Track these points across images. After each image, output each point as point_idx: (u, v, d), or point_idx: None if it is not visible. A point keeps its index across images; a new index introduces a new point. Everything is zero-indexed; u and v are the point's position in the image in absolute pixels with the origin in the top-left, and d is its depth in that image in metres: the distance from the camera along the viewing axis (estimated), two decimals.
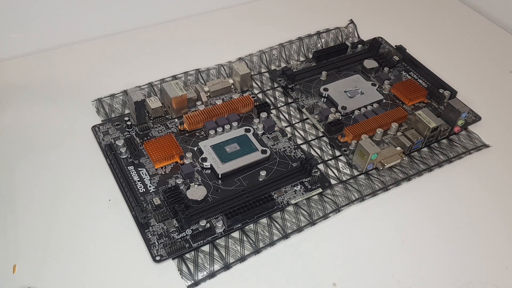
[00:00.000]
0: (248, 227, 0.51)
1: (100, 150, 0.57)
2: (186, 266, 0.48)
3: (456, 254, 0.51)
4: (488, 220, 0.54)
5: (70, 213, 0.51)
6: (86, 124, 0.60)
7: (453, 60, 0.76)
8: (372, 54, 0.72)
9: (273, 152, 0.58)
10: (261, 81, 0.68)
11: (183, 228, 0.50)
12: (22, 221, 0.50)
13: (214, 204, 0.51)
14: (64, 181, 0.54)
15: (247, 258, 0.49)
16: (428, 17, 0.85)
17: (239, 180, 0.55)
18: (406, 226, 0.53)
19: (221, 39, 0.76)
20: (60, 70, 0.68)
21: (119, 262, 0.48)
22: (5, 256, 0.47)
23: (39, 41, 0.71)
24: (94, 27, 0.74)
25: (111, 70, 0.68)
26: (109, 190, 0.54)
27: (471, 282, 0.49)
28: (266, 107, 0.62)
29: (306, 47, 0.74)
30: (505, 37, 0.81)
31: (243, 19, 0.80)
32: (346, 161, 0.58)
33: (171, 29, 0.77)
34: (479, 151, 0.61)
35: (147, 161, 0.56)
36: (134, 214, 0.51)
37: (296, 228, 0.51)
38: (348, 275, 0.48)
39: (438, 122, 0.59)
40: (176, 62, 0.70)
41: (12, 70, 0.67)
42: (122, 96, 0.64)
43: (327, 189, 0.55)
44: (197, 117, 0.60)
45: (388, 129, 0.61)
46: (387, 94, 0.67)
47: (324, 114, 0.62)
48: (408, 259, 0.50)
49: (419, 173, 0.58)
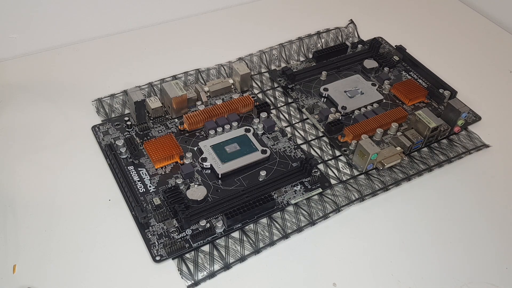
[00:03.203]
0: (248, 227, 0.51)
1: (100, 150, 0.57)
2: (186, 266, 0.47)
3: (456, 254, 0.51)
4: (488, 220, 0.54)
5: (70, 213, 0.51)
6: (86, 124, 0.60)
7: (453, 60, 0.76)
8: (372, 54, 0.72)
9: (273, 152, 0.58)
10: (261, 81, 0.68)
11: (183, 228, 0.50)
12: (22, 221, 0.50)
13: (214, 204, 0.51)
14: (64, 181, 0.54)
15: (247, 258, 0.49)
16: (428, 17, 0.85)
17: (239, 180, 0.55)
18: (406, 226, 0.53)
19: (221, 39, 0.76)
20: (60, 70, 0.68)
21: (119, 262, 0.48)
22: (5, 256, 0.47)
23: (39, 41, 0.71)
24: (94, 27, 0.74)
25: (111, 70, 0.68)
26: (109, 190, 0.54)
27: (471, 282, 0.49)
28: (266, 107, 0.62)
29: (306, 47, 0.74)
30: (505, 37, 0.81)
31: (243, 19, 0.80)
32: (346, 161, 0.58)
33: (171, 29, 0.77)
34: (479, 151, 0.61)
35: (147, 161, 0.56)
36: (134, 214, 0.51)
37: (296, 228, 0.51)
38: (348, 275, 0.48)
39: (438, 122, 0.59)
40: (176, 62, 0.70)
41: (12, 70, 0.67)
42: (122, 96, 0.64)
43: (327, 189, 0.55)
44: (197, 117, 0.60)
45: (388, 129, 0.61)
46: (387, 94, 0.67)
47: (324, 114, 0.62)
48: (408, 259, 0.50)
49: (419, 173, 0.58)
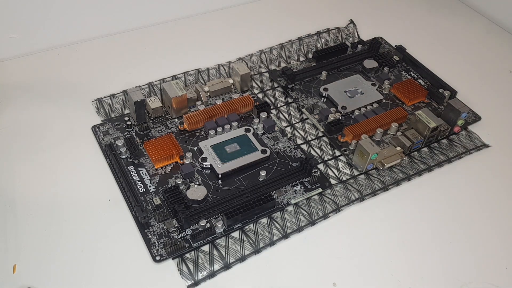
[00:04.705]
0: (248, 227, 0.51)
1: (100, 150, 0.57)
2: (186, 266, 0.47)
3: (456, 254, 0.51)
4: (488, 220, 0.54)
5: (70, 213, 0.51)
6: (86, 124, 0.60)
7: (453, 60, 0.76)
8: (372, 54, 0.72)
9: (273, 152, 0.58)
10: (261, 81, 0.68)
11: (183, 228, 0.50)
12: (22, 221, 0.50)
13: (214, 204, 0.51)
14: (64, 181, 0.54)
15: (247, 258, 0.49)
16: (428, 17, 0.85)
17: (239, 180, 0.55)
18: (406, 226, 0.53)
19: (221, 39, 0.76)
20: (60, 70, 0.68)
21: (119, 262, 0.48)
22: (5, 256, 0.47)
23: (39, 41, 0.71)
24: (94, 27, 0.74)
25: (111, 70, 0.68)
26: (109, 190, 0.54)
27: (471, 282, 0.49)
28: (266, 107, 0.62)
29: (306, 47, 0.74)
30: (505, 37, 0.81)
31: (243, 19, 0.80)
32: (346, 161, 0.58)
33: (171, 29, 0.77)
34: (479, 151, 0.61)
35: (147, 161, 0.56)
36: (134, 214, 0.51)
37: (296, 228, 0.51)
38: (348, 275, 0.48)
39: (438, 122, 0.59)
40: (176, 62, 0.70)
41: (12, 70, 0.67)
42: (122, 96, 0.64)
43: (327, 189, 0.55)
44: (197, 117, 0.60)
45: (388, 129, 0.61)
46: (387, 94, 0.67)
47: (324, 114, 0.62)
48: (408, 259, 0.50)
49: (419, 173, 0.58)
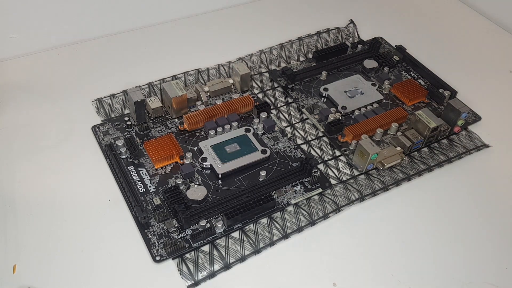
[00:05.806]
0: (248, 227, 0.51)
1: (100, 150, 0.57)
2: (186, 266, 0.47)
3: (456, 254, 0.51)
4: (488, 220, 0.54)
5: (70, 213, 0.51)
6: (86, 124, 0.60)
7: (453, 60, 0.76)
8: (372, 54, 0.72)
9: (273, 152, 0.58)
10: (261, 81, 0.68)
11: (183, 228, 0.50)
12: (22, 221, 0.50)
13: (214, 204, 0.51)
14: (64, 181, 0.54)
15: (247, 258, 0.49)
16: (428, 17, 0.84)
17: (239, 180, 0.55)
18: (406, 226, 0.53)
19: (221, 39, 0.76)
20: (60, 70, 0.68)
21: (119, 262, 0.48)
22: (5, 256, 0.47)
23: (39, 41, 0.71)
24: (94, 27, 0.74)
25: (111, 70, 0.68)
26: (109, 190, 0.54)
27: (471, 282, 0.49)
28: (266, 107, 0.62)
29: (306, 47, 0.74)
30: (505, 37, 0.81)
31: (243, 19, 0.80)
32: (346, 161, 0.58)
33: (171, 29, 0.77)
34: (479, 151, 0.61)
35: (147, 161, 0.56)
36: (134, 214, 0.51)
37: (296, 228, 0.51)
38: (348, 275, 0.48)
39: (438, 122, 0.59)
40: (176, 62, 0.70)
41: (12, 70, 0.67)
42: (122, 96, 0.64)
43: (327, 189, 0.55)
44: (197, 117, 0.60)
45: (388, 129, 0.61)
46: (387, 94, 0.67)
47: (324, 114, 0.62)
48: (408, 259, 0.50)
49: (419, 173, 0.58)
